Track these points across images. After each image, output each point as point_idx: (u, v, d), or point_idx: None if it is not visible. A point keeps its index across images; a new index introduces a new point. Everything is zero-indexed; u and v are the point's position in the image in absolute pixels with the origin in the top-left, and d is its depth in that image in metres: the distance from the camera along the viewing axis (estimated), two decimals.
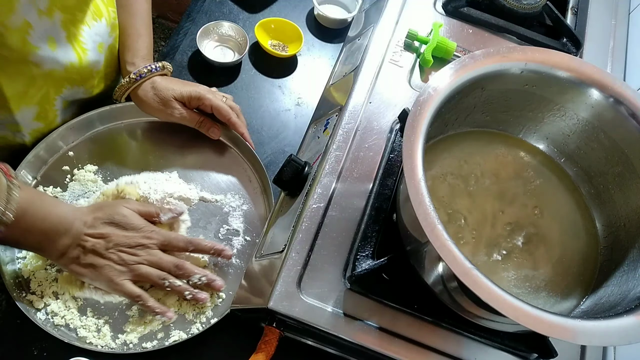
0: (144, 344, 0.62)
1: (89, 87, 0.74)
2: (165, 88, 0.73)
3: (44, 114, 0.70)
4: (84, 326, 0.62)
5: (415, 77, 0.69)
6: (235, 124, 0.76)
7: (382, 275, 0.55)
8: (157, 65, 0.74)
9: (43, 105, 0.69)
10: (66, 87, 0.70)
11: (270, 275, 0.55)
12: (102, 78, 0.76)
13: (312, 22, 0.99)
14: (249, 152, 0.77)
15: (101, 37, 0.71)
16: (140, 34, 0.75)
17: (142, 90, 0.73)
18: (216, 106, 0.74)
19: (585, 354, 0.56)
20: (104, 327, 0.62)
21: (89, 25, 0.68)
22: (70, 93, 0.72)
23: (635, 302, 0.45)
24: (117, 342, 0.62)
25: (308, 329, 0.53)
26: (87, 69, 0.70)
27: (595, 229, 0.60)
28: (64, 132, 0.73)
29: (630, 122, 0.53)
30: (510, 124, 0.63)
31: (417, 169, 0.45)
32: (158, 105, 0.73)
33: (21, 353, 0.61)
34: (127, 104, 0.76)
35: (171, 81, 0.75)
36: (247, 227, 0.73)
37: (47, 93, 0.68)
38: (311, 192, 0.58)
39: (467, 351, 0.53)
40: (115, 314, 0.64)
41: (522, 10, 0.75)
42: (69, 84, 0.70)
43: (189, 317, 0.64)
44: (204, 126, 0.76)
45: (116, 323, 0.63)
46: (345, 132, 0.63)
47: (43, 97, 0.68)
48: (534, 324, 0.41)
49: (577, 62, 0.55)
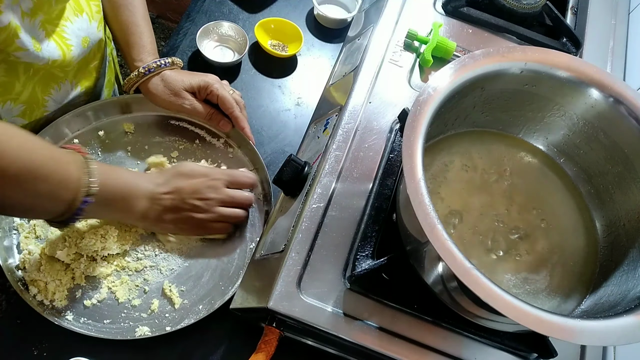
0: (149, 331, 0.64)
1: (79, 82, 0.74)
2: (175, 80, 0.74)
3: (29, 112, 0.70)
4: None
5: (415, 77, 0.69)
6: (237, 117, 0.76)
7: (382, 275, 0.55)
8: (167, 60, 0.75)
9: (30, 104, 0.69)
10: (54, 88, 0.70)
11: (270, 275, 0.55)
12: (92, 71, 0.76)
13: (312, 22, 0.99)
14: (251, 151, 0.77)
15: (85, 31, 0.71)
16: (143, 30, 0.76)
17: (152, 83, 0.74)
18: (222, 96, 0.75)
19: (585, 354, 0.56)
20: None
21: (71, 21, 0.68)
22: (60, 95, 0.72)
23: (635, 302, 0.45)
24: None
25: (308, 329, 0.53)
26: (71, 64, 0.70)
27: (595, 229, 0.60)
28: (70, 119, 0.74)
29: (630, 122, 0.53)
30: (510, 124, 0.63)
31: (417, 169, 0.45)
32: (168, 97, 0.74)
33: (21, 353, 0.61)
34: (135, 95, 0.77)
35: (180, 73, 0.76)
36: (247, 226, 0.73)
37: (35, 92, 0.68)
38: (311, 192, 0.58)
39: (467, 351, 0.53)
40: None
41: (522, 10, 0.75)
42: (55, 84, 0.70)
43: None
44: (214, 119, 0.77)
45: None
46: (345, 132, 0.63)
47: (31, 95, 0.68)
48: (534, 324, 0.41)
49: (577, 62, 0.54)
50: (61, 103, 0.73)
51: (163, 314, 0.65)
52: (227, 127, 0.77)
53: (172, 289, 0.67)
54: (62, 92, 0.72)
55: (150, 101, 0.76)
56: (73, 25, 0.69)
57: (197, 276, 0.69)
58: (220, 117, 0.77)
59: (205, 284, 0.68)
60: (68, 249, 0.64)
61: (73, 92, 0.74)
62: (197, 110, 0.76)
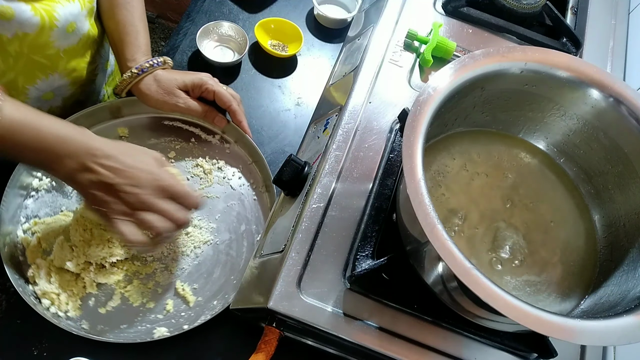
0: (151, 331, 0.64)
1: (63, 72, 0.73)
2: (168, 79, 0.74)
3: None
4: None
5: (415, 77, 0.69)
6: (235, 111, 0.76)
7: (382, 275, 0.55)
8: (159, 60, 0.74)
9: (9, 91, 0.67)
10: (41, 79, 0.70)
11: (270, 275, 0.55)
12: (78, 62, 0.75)
13: (312, 22, 0.99)
14: (248, 145, 0.77)
15: (74, 17, 0.69)
16: (139, 30, 0.75)
17: (144, 84, 0.73)
18: (218, 92, 0.75)
19: (585, 354, 0.56)
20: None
21: (62, 4, 0.67)
22: (46, 84, 0.71)
23: (634, 302, 0.45)
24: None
25: (308, 329, 0.53)
26: (53, 49, 0.69)
27: (595, 229, 0.60)
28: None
29: (630, 122, 0.53)
30: (510, 124, 0.63)
31: (417, 169, 0.45)
32: (162, 97, 0.73)
33: (21, 353, 0.61)
34: (126, 98, 0.76)
35: (172, 72, 0.75)
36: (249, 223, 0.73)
37: (15, 80, 0.67)
38: (311, 192, 0.58)
39: (467, 351, 0.53)
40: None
41: (522, 10, 0.75)
42: (41, 73, 0.70)
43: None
44: (209, 116, 0.77)
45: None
46: (345, 132, 0.63)
47: (10, 83, 0.67)
48: (534, 324, 0.41)
49: (577, 62, 0.54)
50: (44, 91, 0.72)
51: (179, 313, 0.66)
52: (223, 123, 0.77)
53: (185, 288, 0.67)
54: (49, 81, 0.71)
55: (143, 102, 0.75)
56: (64, 8, 0.67)
57: (208, 273, 0.69)
58: (215, 114, 0.77)
59: (216, 280, 0.69)
60: (77, 259, 0.64)
61: (60, 81, 0.74)
62: (192, 109, 0.75)
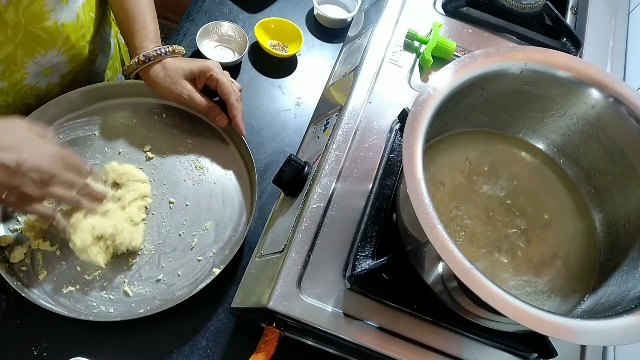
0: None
1: (62, 48, 0.73)
2: (175, 67, 0.74)
3: (9, 74, 0.69)
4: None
5: (415, 77, 0.69)
6: (232, 105, 0.75)
7: (382, 275, 0.55)
8: (168, 49, 0.74)
9: (8, 64, 0.68)
10: (40, 53, 0.70)
11: (270, 275, 0.55)
12: (77, 39, 0.76)
13: (312, 22, 0.99)
14: (244, 148, 0.77)
15: None
16: (146, 18, 0.76)
17: (153, 71, 0.74)
18: (221, 81, 0.74)
19: (585, 353, 0.56)
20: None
21: None
22: (45, 60, 0.72)
23: (635, 302, 0.45)
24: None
25: (308, 329, 0.53)
26: (50, 20, 0.69)
27: (595, 229, 0.60)
28: (60, 100, 0.74)
29: (630, 122, 0.53)
30: (510, 124, 0.63)
31: (417, 169, 0.45)
32: (168, 85, 0.74)
33: (21, 353, 0.61)
34: (133, 81, 0.77)
35: (182, 60, 0.75)
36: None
37: (14, 53, 0.68)
38: (311, 192, 0.58)
39: (467, 351, 0.53)
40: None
41: (522, 10, 0.75)
42: (40, 47, 0.70)
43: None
44: (212, 112, 0.76)
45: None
46: (345, 132, 0.63)
47: (9, 56, 0.67)
48: (534, 324, 0.41)
49: (577, 62, 0.54)
50: (43, 67, 0.72)
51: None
52: (224, 123, 0.77)
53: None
54: (48, 57, 0.72)
55: (151, 89, 0.76)
56: None
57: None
58: (218, 112, 0.76)
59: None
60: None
61: (58, 58, 0.74)
62: (195, 102, 0.75)
